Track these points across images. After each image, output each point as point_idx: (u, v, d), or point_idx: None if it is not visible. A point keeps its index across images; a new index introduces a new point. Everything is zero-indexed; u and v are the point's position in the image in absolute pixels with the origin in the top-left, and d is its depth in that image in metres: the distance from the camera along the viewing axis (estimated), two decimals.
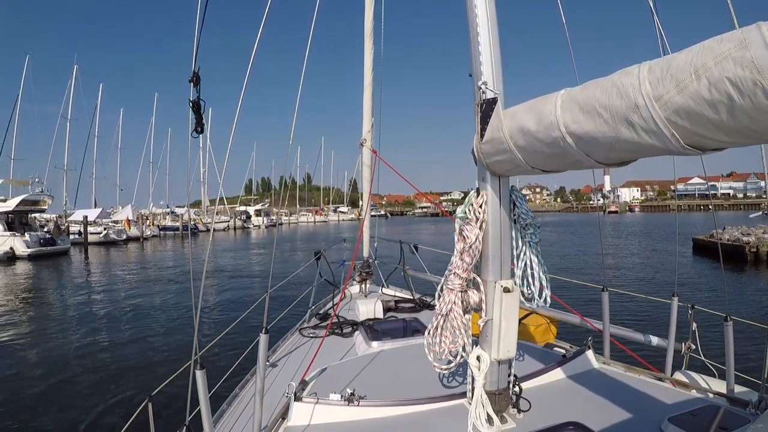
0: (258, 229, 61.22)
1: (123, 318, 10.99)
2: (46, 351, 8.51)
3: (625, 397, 2.08)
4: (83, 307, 12.67)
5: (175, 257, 27.95)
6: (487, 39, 1.78)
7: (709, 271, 16.08)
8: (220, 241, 41.05)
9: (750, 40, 0.80)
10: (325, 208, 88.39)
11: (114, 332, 9.58)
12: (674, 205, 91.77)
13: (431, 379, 2.33)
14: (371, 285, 5.28)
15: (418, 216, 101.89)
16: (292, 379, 2.49)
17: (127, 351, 8.27)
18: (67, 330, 9.99)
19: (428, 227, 52.49)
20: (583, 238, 31.48)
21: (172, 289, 15.38)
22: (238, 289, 14.99)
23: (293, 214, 76.31)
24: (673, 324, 3.14)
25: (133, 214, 44.61)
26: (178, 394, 2.48)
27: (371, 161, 5.15)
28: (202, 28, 2.32)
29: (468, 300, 1.85)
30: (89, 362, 7.73)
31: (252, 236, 48.35)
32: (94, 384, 6.78)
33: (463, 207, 1.89)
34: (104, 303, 13.35)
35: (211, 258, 25.36)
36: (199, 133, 2.39)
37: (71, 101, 44.71)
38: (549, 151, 1.38)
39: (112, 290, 15.70)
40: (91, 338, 9.15)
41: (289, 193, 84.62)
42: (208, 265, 15.73)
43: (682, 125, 0.97)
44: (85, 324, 10.44)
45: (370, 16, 5.04)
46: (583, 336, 2.77)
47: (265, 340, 2.17)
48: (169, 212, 55.49)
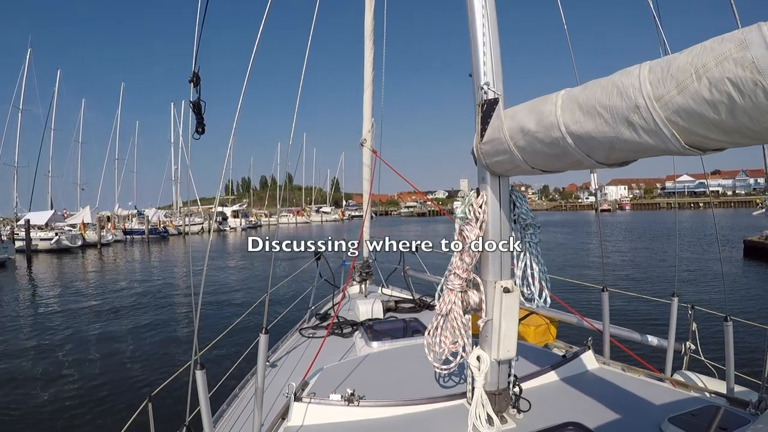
0: (234, 231, 55.33)
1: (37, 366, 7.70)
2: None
3: (624, 397, 2.08)
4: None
5: (139, 268, 22.51)
6: (488, 39, 1.78)
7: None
8: (192, 246, 36.40)
9: (750, 41, 0.80)
10: (306, 209, 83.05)
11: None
12: (665, 203, 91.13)
13: (431, 380, 2.33)
14: (371, 285, 5.28)
15: (404, 216, 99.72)
16: (292, 379, 2.49)
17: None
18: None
19: (415, 228, 49.41)
20: (583, 240, 31.35)
21: (126, 316, 11.37)
22: (234, 302, 13.02)
23: (273, 215, 71.80)
24: (672, 324, 3.14)
25: (92, 217, 38.75)
26: (178, 394, 2.48)
27: (371, 161, 5.15)
28: (202, 29, 2.32)
29: (468, 300, 1.85)
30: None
31: (229, 240, 41.77)
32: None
33: (463, 207, 1.89)
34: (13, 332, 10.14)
35: (193, 263, 22.77)
36: (200, 133, 2.39)
37: (23, 89, 39.14)
38: (549, 151, 1.38)
39: (38, 314, 12.09)
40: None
41: (269, 192, 79.75)
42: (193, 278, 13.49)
43: (682, 125, 0.97)
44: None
45: (370, 16, 5.04)
46: (582, 336, 2.77)
47: (265, 341, 2.17)
48: (137, 214, 48.36)
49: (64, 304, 13.45)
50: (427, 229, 44.28)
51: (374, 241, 5.70)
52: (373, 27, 5.06)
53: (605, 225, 44.10)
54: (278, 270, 16.33)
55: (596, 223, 47.36)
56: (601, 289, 3.17)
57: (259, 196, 79.95)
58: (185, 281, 17.08)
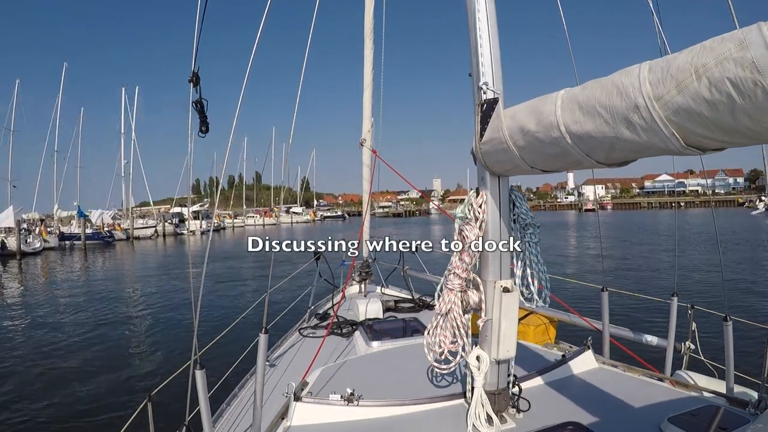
0: (193, 235, 46.03)
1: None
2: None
3: (624, 397, 2.08)
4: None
5: (65, 283, 17.02)
6: (488, 38, 1.78)
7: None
8: (142, 253, 30.18)
9: (750, 41, 0.80)
10: (275, 209, 75.40)
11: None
12: (645, 203, 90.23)
13: (431, 379, 2.33)
14: (371, 285, 5.28)
15: (379, 216, 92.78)
16: (291, 379, 2.48)
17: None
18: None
19: (390, 230, 42.01)
20: (580, 240, 31.31)
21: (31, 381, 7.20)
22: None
23: (239, 216, 65.10)
24: (672, 324, 3.14)
25: (14, 220, 30.54)
26: (177, 394, 2.48)
27: (371, 161, 5.16)
28: (201, 29, 2.32)
29: (468, 300, 1.85)
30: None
31: (187, 246, 34.48)
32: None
33: (462, 207, 1.89)
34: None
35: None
36: (204, 132, 2.39)
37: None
38: (549, 151, 1.37)
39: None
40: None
41: (235, 192, 74.53)
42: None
43: (682, 125, 0.97)
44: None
45: (371, 16, 5.04)
46: (582, 336, 2.77)
47: (264, 340, 2.17)
48: (78, 215, 39.26)
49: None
50: (403, 232, 39.69)
51: (374, 241, 5.70)
52: (373, 27, 5.07)
53: (594, 225, 43.46)
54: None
55: (581, 223, 46.66)
56: (600, 289, 3.18)
57: (226, 195, 72.73)
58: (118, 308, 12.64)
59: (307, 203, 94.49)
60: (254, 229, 59.28)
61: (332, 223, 74.54)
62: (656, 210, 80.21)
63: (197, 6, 2.30)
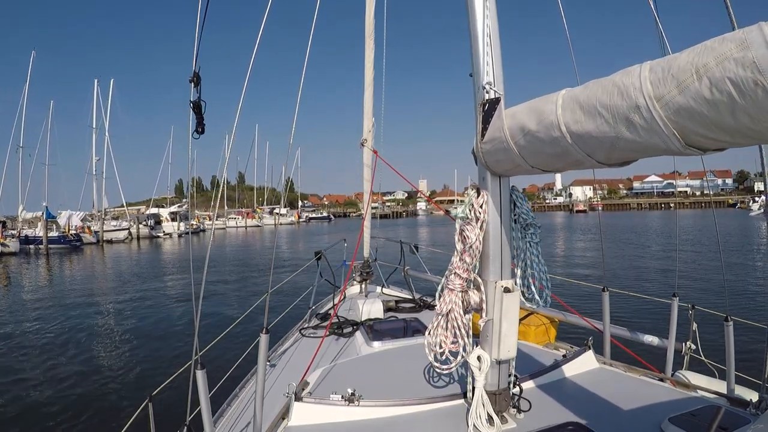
0: (170, 237, 44.33)
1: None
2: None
3: (625, 397, 2.08)
4: None
5: (31, 294, 14.89)
6: (489, 39, 1.78)
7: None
8: (114, 259, 27.21)
9: (751, 41, 0.80)
10: (258, 210, 72.85)
11: None
12: (634, 203, 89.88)
13: (431, 380, 2.33)
14: (371, 285, 5.28)
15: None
16: (292, 378, 2.49)
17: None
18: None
19: (376, 231, 40.57)
20: (578, 240, 31.27)
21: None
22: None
23: (219, 218, 61.47)
24: (673, 324, 3.14)
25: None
26: (178, 394, 2.48)
27: (372, 161, 5.15)
28: (202, 29, 2.32)
29: (468, 300, 1.85)
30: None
31: (163, 251, 32.41)
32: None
33: (463, 207, 1.89)
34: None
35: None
36: (200, 133, 2.39)
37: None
38: (550, 150, 1.38)
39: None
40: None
41: (215, 192, 70.26)
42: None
43: (683, 125, 0.97)
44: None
45: (371, 16, 5.04)
46: (583, 336, 2.77)
47: (265, 340, 2.17)
48: (44, 217, 35.63)
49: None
50: (393, 234, 37.09)
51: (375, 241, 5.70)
52: (373, 27, 5.07)
53: (587, 226, 43.18)
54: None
55: (573, 225, 46.01)
56: (601, 289, 3.18)
57: (207, 196, 70.20)
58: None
59: (292, 204, 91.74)
60: (236, 231, 55.35)
61: (317, 224, 72.69)
62: (646, 211, 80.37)
63: (195, 8, 2.30)
